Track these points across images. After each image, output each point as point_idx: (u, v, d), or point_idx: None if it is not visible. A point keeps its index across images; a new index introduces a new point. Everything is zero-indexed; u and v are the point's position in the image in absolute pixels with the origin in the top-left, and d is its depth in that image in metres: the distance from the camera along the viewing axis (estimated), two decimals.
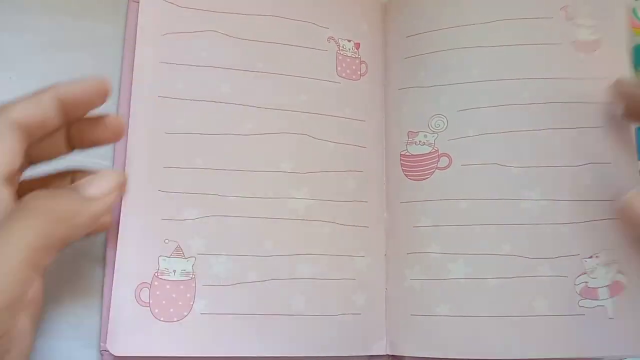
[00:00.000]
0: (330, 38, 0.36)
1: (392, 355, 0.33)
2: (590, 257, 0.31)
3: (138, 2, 0.33)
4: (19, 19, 0.34)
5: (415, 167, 0.35)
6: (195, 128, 0.32)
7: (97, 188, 0.23)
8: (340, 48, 0.36)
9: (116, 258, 0.30)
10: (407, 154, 0.35)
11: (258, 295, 0.31)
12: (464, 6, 0.36)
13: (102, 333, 0.29)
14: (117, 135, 0.28)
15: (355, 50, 0.36)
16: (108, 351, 0.29)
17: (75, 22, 0.34)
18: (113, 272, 0.30)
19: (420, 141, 0.35)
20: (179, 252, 0.31)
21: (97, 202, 0.23)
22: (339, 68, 0.36)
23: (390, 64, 0.37)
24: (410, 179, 0.35)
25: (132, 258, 0.30)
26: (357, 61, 0.36)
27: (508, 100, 0.34)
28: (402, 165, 0.35)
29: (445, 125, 0.34)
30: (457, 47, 0.35)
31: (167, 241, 0.31)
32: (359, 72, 0.36)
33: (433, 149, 0.34)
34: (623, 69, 0.33)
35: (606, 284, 0.31)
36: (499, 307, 0.31)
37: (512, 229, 0.32)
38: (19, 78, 0.33)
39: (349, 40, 0.36)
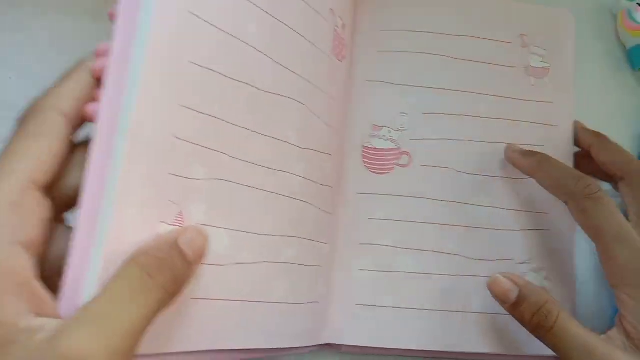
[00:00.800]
0: (331, 10, 0.33)
1: (329, 344, 0.33)
2: (523, 262, 0.35)
3: None
4: (19, 19, 0.35)
5: (376, 160, 0.35)
6: (219, 66, 0.25)
7: (197, 253, 0.23)
8: (337, 24, 0.34)
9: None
10: (370, 146, 0.35)
11: (247, 278, 0.27)
12: (438, 15, 0.37)
13: None
14: None
15: (343, 30, 0.35)
16: None
17: (75, 22, 0.35)
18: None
19: (384, 136, 0.35)
20: (180, 220, 0.24)
21: (195, 268, 0.23)
22: (334, 44, 0.33)
23: (359, 54, 0.36)
24: (371, 171, 0.35)
25: (130, 220, 0.22)
26: (343, 42, 0.34)
27: (466, 111, 0.36)
28: (363, 157, 0.35)
29: (409, 125, 0.36)
30: (427, 52, 0.37)
31: (170, 203, 0.23)
32: (343, 53, 0.34)
33: (395, 145, 0.35)
34: (567, 96, 0.38)
35: None
36: (439, 302, 0.33)
37: (457, 230, 0.35)
38: (19, 78, 0.33)
39: (341, 18, 0.34)
